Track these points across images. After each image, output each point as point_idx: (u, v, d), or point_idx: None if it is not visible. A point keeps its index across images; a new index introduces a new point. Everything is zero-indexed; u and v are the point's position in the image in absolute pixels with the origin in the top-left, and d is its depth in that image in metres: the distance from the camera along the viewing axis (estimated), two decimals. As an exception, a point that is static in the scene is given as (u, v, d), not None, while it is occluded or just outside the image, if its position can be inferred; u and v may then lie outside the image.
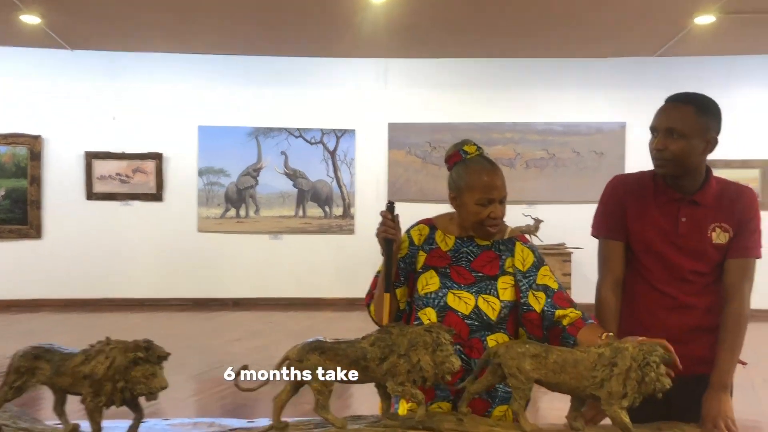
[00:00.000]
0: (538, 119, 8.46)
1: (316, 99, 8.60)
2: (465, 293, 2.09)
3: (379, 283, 2.15)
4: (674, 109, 2.04)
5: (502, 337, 2.09)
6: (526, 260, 2.14)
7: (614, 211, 2.19)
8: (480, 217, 2.07)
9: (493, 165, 2.10)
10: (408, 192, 8.51)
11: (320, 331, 6.57)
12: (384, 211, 2.10)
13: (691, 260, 2.11)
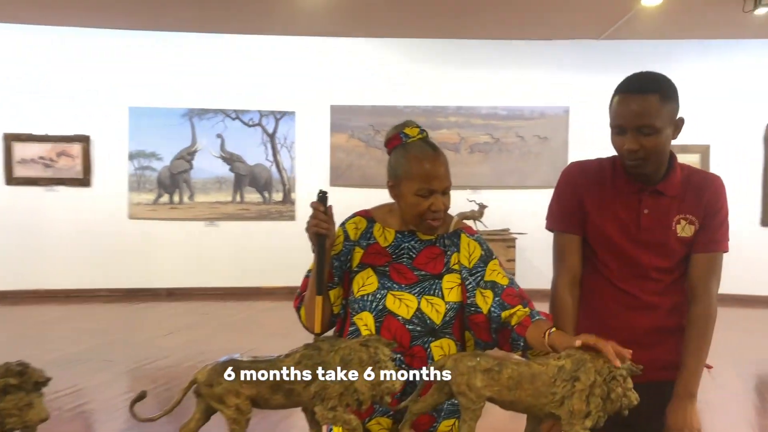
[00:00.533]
0: (483, 103, 8.31)
1: (254, 79, 8.23)
2: (406, 294, 1.87)
3: (309, 285, 1.91)
4: (638, 102, 1.81)
5: (447, 343, 1.88)
6: (473, 255, 1.93)
7: (570, 202, 1.99)
8: (419, 209, 1.85)
9: (436, 151, 1.87)
10: (351, 177, 8.29)
11: (258, 321, 6.38)
12: (315, 202, 1.85)
13: (654, 256, 1.93)
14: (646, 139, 1.81)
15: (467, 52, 8.24)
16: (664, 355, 1.94)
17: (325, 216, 1.83)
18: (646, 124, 1.80)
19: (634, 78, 1.88)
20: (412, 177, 1.83)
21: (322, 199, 1.85)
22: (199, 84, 8.19)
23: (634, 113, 1.81)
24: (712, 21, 5.97)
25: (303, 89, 8.27)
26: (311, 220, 1.83)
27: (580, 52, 8.13)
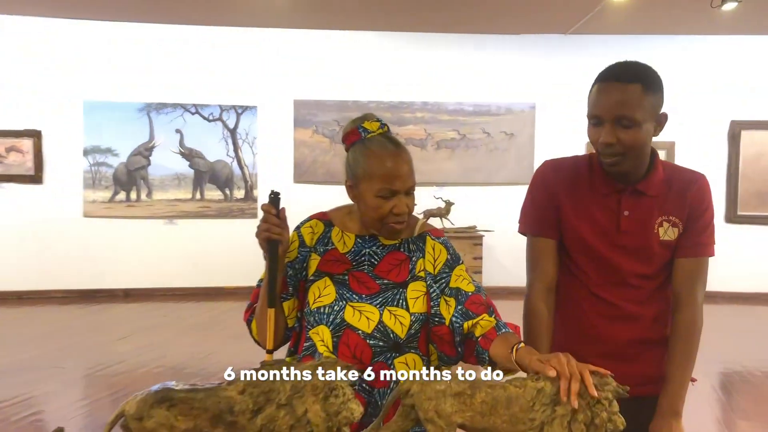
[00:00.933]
0: (449, 99, 8.18)
1: (214, 72, 7.98)
2: (367, 306, 1.70)
3: (261, 296, 1.73)
4: (619, 91, 1.66)
5: (412, 358, 1.71)
6: (438, 259, 1.76)
7: (545, 203, 1.84)
8: (381, 212, 1.68)
9: (399, 147, 1.70)
10: (315, 174, 8.10)
11: (220, 323, 6.16)
12: (266, 205, 1.68)
13: (635, 261, 1.78)
14: (624, 132, 1.66)
15: (434, 46, 8.10)
16: (647, 368, 1.80)
17: (278, 220, 1.66)
18: (625, 116, 1.65)
19: (616, 66, 1.73)
20: (372, 176, 1.66)
21: (274, 200, 1.68)
22: (158, 77, 7.90)
23: (612, 103, 1.66)
24: (680, 16, 5.91)
25: (265, 83, 8.04)
26: (262, 225, 1.66)
27: (546, 47, 8.05)
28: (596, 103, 1.70)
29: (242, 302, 7.03)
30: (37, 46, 7.71)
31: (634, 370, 1.72)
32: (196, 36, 7.90)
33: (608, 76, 1.70)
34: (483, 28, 7.29)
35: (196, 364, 5.25)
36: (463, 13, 6.50)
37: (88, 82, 7.79)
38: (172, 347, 5.77)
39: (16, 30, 7.67)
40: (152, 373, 5.01)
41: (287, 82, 8.05)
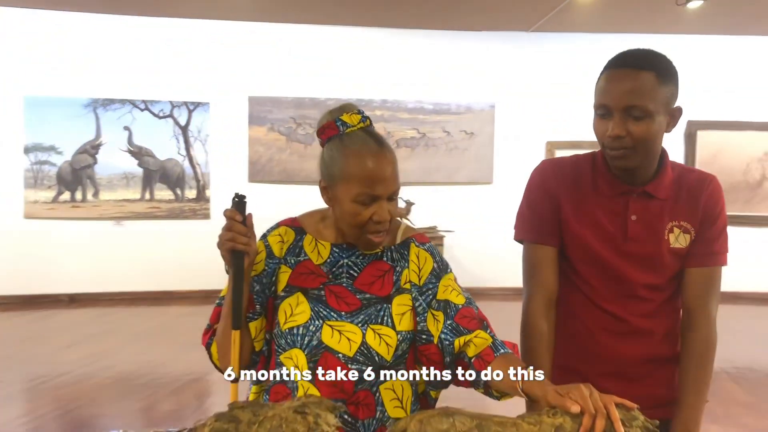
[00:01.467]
0: (409, 97, 8.02)
1: (165, 67, 7.64)
2: (347, 325, 1.49)
3: (223, 316, 1.50)
4: (630, 78, 1.50)
5: (401, 384, 1.51)
6: (424, 268, 1.56)
7: (544, 207, 1.67)
8: (358, 219, 1.46)
9: (382, 145, 1.48)
10: (270, 172, 7.84)
11: (172, 329, 5.87)
12: (229, 210, 1.44)
13: (644, 271, 1.62)
14: (635, 124, 1.51)
15: (393, 43, 7.92)
16: (658, 389, 1.65)
17: (244, 227, 1.43)
18: (636, 105, 1.49)
19: (627, 53, 1.56)
20: (351, 178, 1.45)
21: (239, 205, 1.44)
22: (105, 71, 7.53)
23: (623, 91, 1.50)
24: (645, 15, 5.87)
25: (219, 78, 7.74)
26: (225, 233, 1.43)
27: (507, 44, 7.95)
28: (605, 92, 1.54)
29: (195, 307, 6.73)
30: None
31: (643, 391, 1.56)
32: (147, 28, 7.54)
33: (619, 63, 1.54)
34: (443, 24, 7.15)
35: (147, 373, 4.98)
36: (423, 9, 6.35)
37: (30, 76, 7.38)
38: (122, 356, 5.48)
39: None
40: (101, 384, 4.74)
41: (241, 78, 7.77)
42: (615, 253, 1.62)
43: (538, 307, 1.64)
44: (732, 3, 5.72)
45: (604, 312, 1.64)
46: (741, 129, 7.87)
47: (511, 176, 8.05)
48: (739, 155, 7.97)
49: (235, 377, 1.45)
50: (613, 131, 1.52)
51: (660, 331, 1.66)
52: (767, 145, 7.99)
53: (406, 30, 7.67)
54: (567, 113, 7.95)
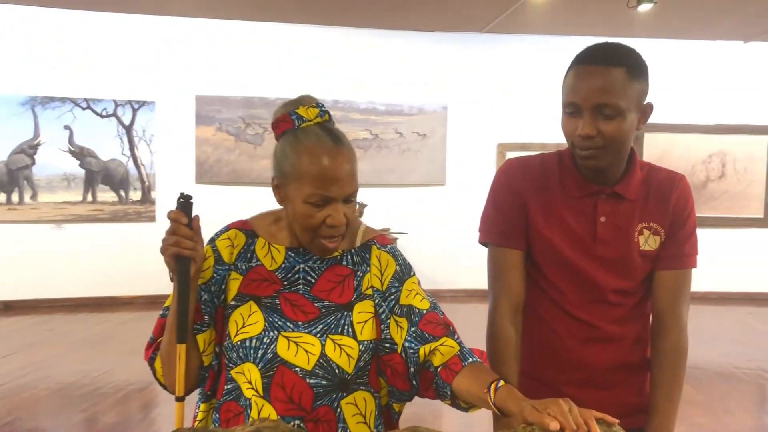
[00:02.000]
0: (361, 98, 7.93)
1: (108, 64, 7.36)
2: (305, 336, 1.37)
3: (168, 329, 1.37)
4: (601, 75, 1.42)
5: (363, 397, 1.41)
6: (386, 272, 1.45)
7: (510, 208, 1.59)
8: (311, 222, 1.35)
9: (339, 143, 1.37)
10: (218, 173, 7.65)
11: (115, 336, 5.64)
12: (174, 212, 1.32)
13: (614, 275, 1.56)
14: (605, 123, 1.43)
15: (345, 41, 7.82)
16: (629, 396, 1.58)
17: (190, 231, 1.31)
18: (607, 103, 1.42)
19: (596, 47, 1.48)
20: (303, 177, 1.33)
21: (185, 206, 1.32)
22: (44, 68, 7.20)
23: (593, 89, 1.42)
24: (597, 17, 5.90)
25: (165, 77, 7.49)
26: (169, 238, 1.30)
27: (459, 45, 7.94)
28: (574, 90, 1.46)
29: (139, 313, 6.49)
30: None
31: (613, 399, 1.50)
32: (88, 23, 7.24)
33: (588, 59, 1.46)
34: (396, 24, 7.08)
35: (89, 383, 4.76)
36: (376, 8, 6.27)
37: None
38: (61, 365, 5.24)
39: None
40: (39, 396, 4.52)
41: (189, 76, 7.55)
42: (584, 257, 1.55)
43: (504, 313, 1.56)
44: (680, 8, 5.81)
45: (572, 318, 1.57)
46: (686, 132, 8.03)
47: (463, 178, 8.05)
48: (685, 157, 8.12)
49: (182, 396, 1.33)
50: (583, 130, 1.45)
51: (630, 336, 1.60)
52: (712, 148, 8.17)
53: (359, 29, 7.58)
54: (518, 115, 7.99)
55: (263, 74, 7.70)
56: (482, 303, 1.42)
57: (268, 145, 7.71)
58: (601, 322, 1.56)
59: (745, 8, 5.97)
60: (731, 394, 4.79)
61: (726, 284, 7.75)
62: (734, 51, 7.91)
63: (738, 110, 8.07)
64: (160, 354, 1.41)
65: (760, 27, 6.71)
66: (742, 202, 8.22)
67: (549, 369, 1.58)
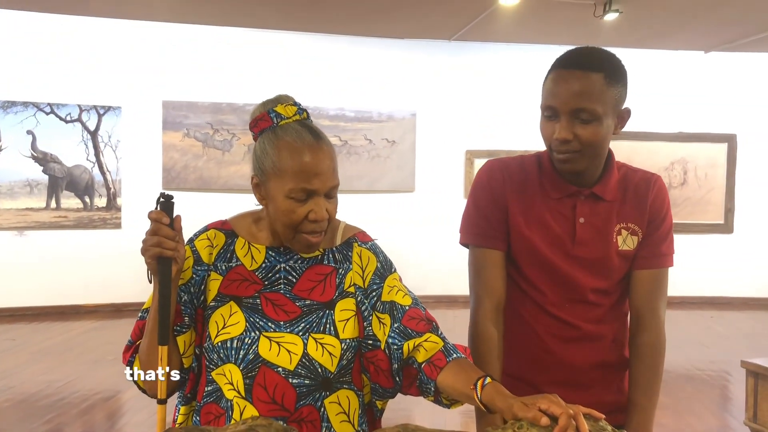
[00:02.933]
0: (330, 104, 7.92)
1: (73, 68, 7.25)
2: (287, 336, 1.37)
3: (148, 331, 1.36)
4: (578, 79, 1.44)
5: (346, 395, 1.41)
6: (367, 269, 1.46)
7: (490, 208, 1.60)
8: (293, 218, 1.35)
9: (318, 138, 1.38)
10: (186, 180, 7.57)
11: (79, 345, 5.53)
12: (155, 212, 1.30)
13: (593, 275, 1.58)
14: (582, 127, 1.46)
15: (316, 47, 7.81)
16: (608, 395, 1.61)
17: (171, 231, 1.29)
18: (584, 108, 1.44)
19: (575, 52, 1.51)
20: (284, 172, 1.34)
21: (166, 205, 1.30)
22: (5, 72, 7.08)
23: (570, 93, 1.45)
24: (564, 26, 5.99)
25: (131, 81, 7.41)
26: (150, 238, 1.29)
27: (428, 52, 7.99)
28: (552, 93, 1.48)
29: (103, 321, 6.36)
30: None
31: (592, 398, 1.51)
32: (53, 26, 7.12)
33: (567, 63, 1.48)
34: (366, 31, 7.09)
35: (51, 393, 4.65)
36: (346, 14, 6.27)
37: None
38: (23, 375, 5.11)
39: None
40: (1, 407, 4.41)
41: (156, 81, 7.47)
42: (563, 257, 1.57)
43: (486, 313, 1.57)
44: (643, 18, 5.92)
45: (553, 317, 1.59)
46: (649, 139, 8.18)
47: (432, 184, 8.09)
48: (647, 165, 8.07)
49: (164, 398, 1.31)
50: (560, 134, 1.47)
51: (608, 335, 1.62)
52: (674, 155, 8.35)
53: (329, 36, 7.58)
54: (486, 122, 8.07)
55: (231, 80, 7.65)
56: (451, 309, 1.44)
57: (237, 151, 7.66)
58: (581, 322, 1.58)
59: (706, 20, 6.12)
60: (696, 395, 4.89)
61: (688, 289, 7.90)
62: (695, 61, 8.10)
63: (699, 118, 8.27)
64: (139, 356, 1.39)
65: (719, 38, 6.88)
66: (703, 208, 8.40)
67: (530, 369, 1.59)
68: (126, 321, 6.99)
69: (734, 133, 8.35)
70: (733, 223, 8.44)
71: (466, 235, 1.64)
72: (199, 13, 6.44)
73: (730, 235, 8.41)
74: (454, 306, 6.82)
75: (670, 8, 5.75)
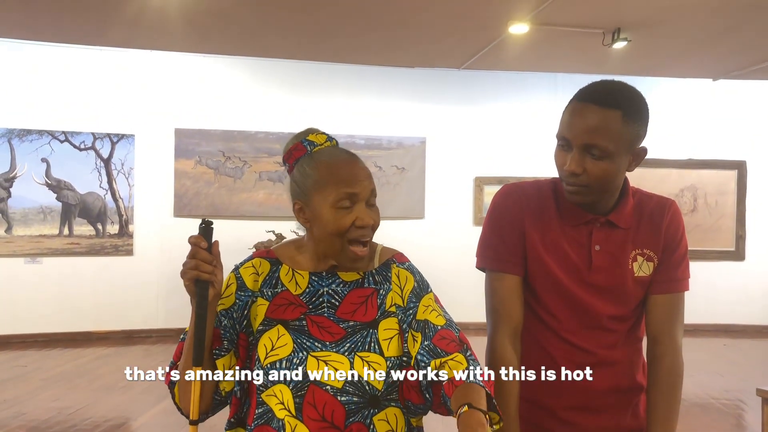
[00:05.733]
0: (341, 131, 7.97)
1: (87, 97, 7.35)
2: (333, 355, 1.41)
3: (185, 352, 1.39)
4: (594, 115, 1.44)
5: (394, 413, 1.43)
6: (405, 288, 1.50)
7: (509, 233, 1.60)
8: (341, 225, 1.40)
9: (352, 155, 1.47)
10: (197, 207, 7.61)
11: (90, 372, 5.53)
12: (194, 237, 1.35)
13: (609, 302, 1.58)
14: (593, 163, 1.46)
15: (325, 76, 7.88)
16: (623, 419, 1.61)
17: (209, 255, 1.34)
18: (596, 145, 1.44)
19: (596, 85, 1.51)
20: (326, 185, 1.41)
21: (205, 231, 1.36)
22: (22, 100, 7.18)
23: (584, 128, 1.45)
24: (573, 54, 6.04)
25: (144, 110, 7.50)
26: (189, 262, 1.33)
27: (438, 80, 8.05)
28: (567, 125, 1.49)
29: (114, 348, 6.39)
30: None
31: (607, 422, 1.53)
32: (67, 56, 7.24)
33: (586, 97, 1.48)
34: (376, 60, 7.17)
35: (63, 420, 4.65)
36: (356, 44, 6.35)
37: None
38: (34, 402, 5.10)
39: None
40: (13, 434, 4.39)
41: (168, 110, 7.55)
42: (579, 284, 1.57)
43: (504, 339, 1.58)
44: (652, 46, 5.97)
45: (568, 344, 1.59)
46: (658, 166, 8.18)
47: (441, 211, 8.10)
48: (657, 192, 8.15)
49: (195, 420, 1.35)
50: (570, 167, 1.48)
51: (623, 360, 1.62)
52: (683, 182, 8.34)
53: (339, 65, 7.66)
54: (495, 149, 8.10)
55: (243, 108, 7.73)
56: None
57: (248, 178, 7.71)
58: (596, 348, 1.58)
59: (714, 48, 6.16)
60: (711, 424, 4.84)
61: (700, 316, 7.83)
62: (704, 88, 8.13)
63: (708, 145, 8.27)
64: (179, 379, 1.43)
65: (727, 66, 6.92)
66: (713, 235, 8.37)
67: (546, 394, 1.59)
68: (137, 348, 7.00)
69: (744, 159, 8.35)
70: (744, 250, 8.39)
71: (483, 259, 1.64)
72: (211, 43, 6.53)
73: (742, 263, 8.36)
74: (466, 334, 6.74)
75: (678, 36, 5.80)
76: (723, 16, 5.19)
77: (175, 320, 7.08)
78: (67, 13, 5.49)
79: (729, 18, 5.21)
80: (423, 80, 8.03)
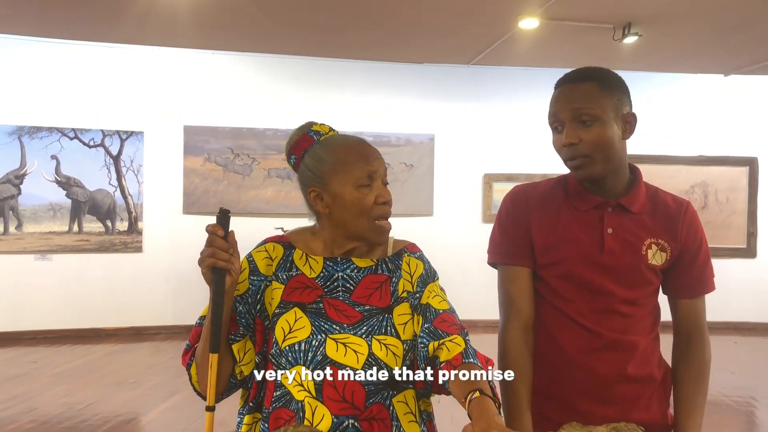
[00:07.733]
0: (349, 128, 7.95)
1: (96, 94, 7.37)
2: (352, 337, 1.42)
3: (202, 338, 1.41)
4: (573, 90, 1.56)
5: (411, 395, 1.45)
6: (415, 275, 1.53)
7: (517, 227, 1.64)
8: (365, 204, 1.44)
9: (362, 138, 1.55)
10: (206, 204, 7.61)
11: (100, 368, 5.55)
12: (212, 225, 1.37)
13: (622, 285, 1.59)
14: (586, 131, 1.53)
15: (333, 73, 7.88)
16: (635, 412, 1.59)
17: (226, 243, 1.36)
18: (582, 110, 1.52)
19: (570, 71, 1.62)
20: (345, 165, 1.45)
21: (222, 219, 1.37)
22: (31, 98, 7.20)
23: (568, 101, 1.55)
24: (584, 49, 6.00)
25: (153, 107, 7.51)
26: (206, 249, 1.35)
27: (447, 77, 8.04)
28: (553, 108, 1.58)
29: (124, 344, 6.41)
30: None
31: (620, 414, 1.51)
32: (77, 53, 7.26)
33: (562, 81, 1.61)
34: (384, 56, 7.16)
35: (73, 416, 4.67)
36: (363, 40, 6.34)
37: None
38: (44, 398, 5.12)
39: None
40: (23, 429, 4.41)
41: (177, 107, 7.56)
42: (591, 266, 1.60)
43: (517, 331, 1.61)
44: (662, 41, 5.92)
45: (577, 325, 1.60)
46: (669, 163, 8.15)
47: (450, 208, 8.08)
48: (667, 188, 7.82)
49: (212, 405, 1.35)
50: (566, 139, 1.54)
51: (634, 348, 1.62)
52: (694, 178, 8.29)
53: (348, 62, 7.65)
54: (504, 147, 8.08)
55: (252, 105, 7.73)
56: (470, 334, 1.47)
57: (257, 175, 7.71)
58: (606, 331, 1.59)
59: (725, 43, 6.11)
60: (723, 422, 4.80)
61: (711, 314, 7.64)
62: (715, 84, 8.08)
63: (719, 142, 8.22)
64: (195, 360, 1.44)
65: (739, 61, 6.87)
66: (724, 232, 8.31)
67: (557, 384, 1.60)
68: (146, 344, 7.02)
69: (755, 156, 8.29)
70: (756, 247, 8.34)
71: (494, 254, 1.69)
72: (219, 40, 6.53)
73: (753, 260, 8.31)
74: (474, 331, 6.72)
75: (689, 32, 5.76)
76: (735, 11, 5.15)
77: (184, 317, 7.09)
78: (77, 10, 5.50)
79: (741, 12, 5.17)
80: (432, 77, 8.01)
